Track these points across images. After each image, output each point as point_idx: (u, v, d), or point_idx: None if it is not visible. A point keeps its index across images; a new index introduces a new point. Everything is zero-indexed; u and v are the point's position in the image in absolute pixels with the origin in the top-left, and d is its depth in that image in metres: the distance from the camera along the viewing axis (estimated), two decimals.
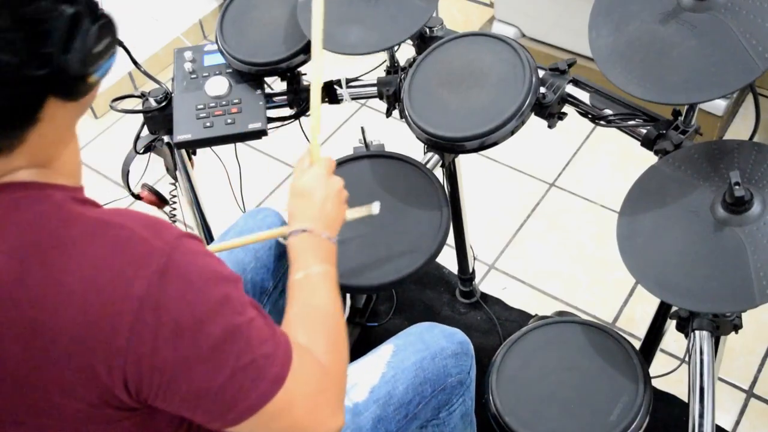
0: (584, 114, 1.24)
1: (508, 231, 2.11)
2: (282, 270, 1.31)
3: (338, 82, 1.40)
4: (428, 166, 1.30)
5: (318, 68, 1.09)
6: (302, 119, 1.44)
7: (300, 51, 1.34)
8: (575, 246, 2.05)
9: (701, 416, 1.02)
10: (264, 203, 2.28)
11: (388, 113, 1.39)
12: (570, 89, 1.23)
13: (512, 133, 1.17)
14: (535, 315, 1.84)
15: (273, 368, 0.74)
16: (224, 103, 1.36)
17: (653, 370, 1.21)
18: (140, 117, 1.40)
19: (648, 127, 1.16)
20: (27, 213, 0.70)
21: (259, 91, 1.37)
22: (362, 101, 2.51)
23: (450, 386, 1.16)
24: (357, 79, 1.41)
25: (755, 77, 0.96)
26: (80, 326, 0.67)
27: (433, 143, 1.20)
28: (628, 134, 1.21)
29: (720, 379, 1.72)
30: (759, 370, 1.75)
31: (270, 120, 1.37)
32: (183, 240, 0.72)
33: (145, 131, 1.43)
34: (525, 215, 2.15)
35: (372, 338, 1.80)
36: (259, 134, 1.34)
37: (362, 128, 1.37)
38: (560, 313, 1.81)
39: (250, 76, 1.38)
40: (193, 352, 0.70)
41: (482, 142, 1.16)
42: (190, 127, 1.34)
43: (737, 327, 1.10)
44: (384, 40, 1.26)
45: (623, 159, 2.24)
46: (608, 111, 1.21)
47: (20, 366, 0.69)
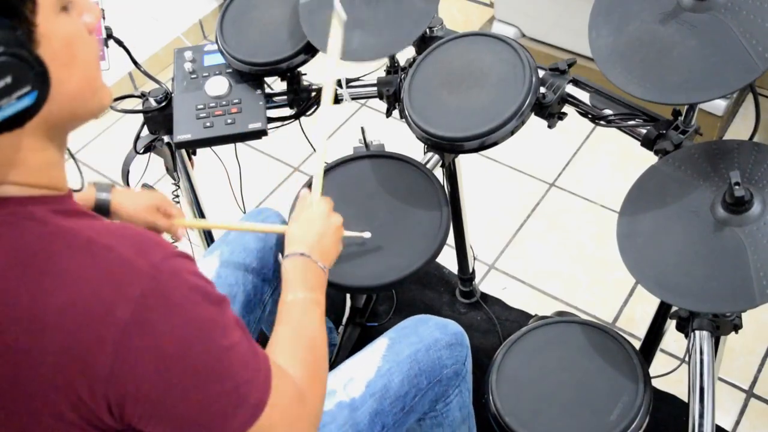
0: (584, 114, 1.24)
1: (508, 231, 2.11)
2: None
3: (338, 82, 1.40)
4: (428, 166, 1.30)
5: (328, 102, 1.13)
6: (302, 119, 1.44)
7: (300, 51, 1.34)
8: (575, 246, 2.05)
9: (701, 416, 1.02)
10: (264, 203, 2.28)
11: (388, 113, 1.39)
12: (570, 89, 1.23)
13: (512, 133, 1.17)
14: (535, 315, 1.84)
15: (254, 394, 0.75)
16: (224, 103, 1.36)
17: (653, 370, 1.21)
18: (140, 117, 1.40)
19: (648, 127, 1.16)
20: (10, 231, 0.68)
21: (259, 91, 1.37)
22: (362, 101, 2.51)
23: (446, 377, 1.16)
24: (357, 79, 1.41)
25: (755, 77, 0.96)
26: (63, 350, 0.66)
27: (433, 143, 1.20)
28: (628, 134, 1.21)
29: (720, 379, 1.72)
30: (759, 370, 1.75)
31: (270, 120, 1.37)
32: (171, 261, 0.71)
33: (145, 131, 1.43)
34: (525, 215, 2.15)
35: (372, 338, 1.79)
36: (259, 134, 1.34)
37: (362, 128, 1.37)
38: (560, 313, 1.80)
39: (250, 76, 1.38)
40: (176, 378, 0.70)
41: (482, 142, 1.16)
42: (190, 127, 1.34)
43: (737, 327, 1.10)
44: (387, 46, 1.26)
45: (623, 159, 2.24)
46: (608, 111, 1.21)
47: (9, 389, 0.69)
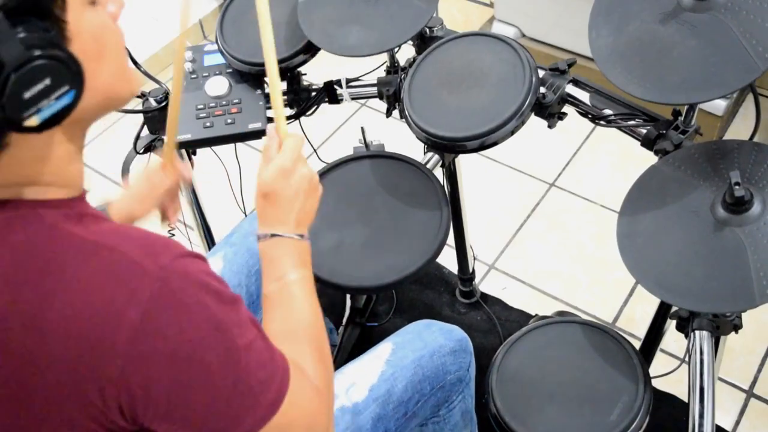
0: (584, 114, 1.24)
1: (508, 231, 2.11)
2: None
3: (338, 82, 1.40)
4: (428, 166, 1.30)
5: (268, 36, 1.02)
6: (302, 119, 1.44)
7: (300, 51, 1.34)
8: (575, 246, 2.05)
9: (701, 416, 1.02)
10: None
11: (388, 113, 1.39)
12: (570, 89, 1.23)
13: (512, 133, 1.17)
14: (535, 315, 1.84)
15: (269, 394, 0.73)
16: (224, 103, 1.36)
17: (653, 370, 1.21)
18: (140, 117, 1.40)
19: (648, 127, 1.16)
20: (19, 235, 0.68)
21: (259, 91, 1.37)
22: (362, 101, 2.51)
23: (449, 383, 1.16)
24: (357, 79, 1.41)
25: (755, 77, 0.96)
26: (72, 355, 0.66)
27: (433, 143, 1.20)
28: (628, 134, 1.21)
29: (720, 379, 1.72)
30: (759, 370, 1.75)
31: (270, 120, 1.37)
32: (180, 261, 0.70)
33: (145, 131, 1.43)
34: (525, 215, 2.15)
35: (372, 338, 1.80)
36: (259, 134, 1.34)
37: (362, 128, 1.37)
38: (560, 313, 1.80)
39: (250, 76, 1.38)
40: (189, 380, 0.69)
41: (482, 142, 1.16)
42: (190, 127, 1.34)
43: (737, 327, 1.10)
44: (384, 42, 1.26)
45: (623, 159, 2.24)
46: (608, 111, 1.21)
47: (19, 397, 0.68)
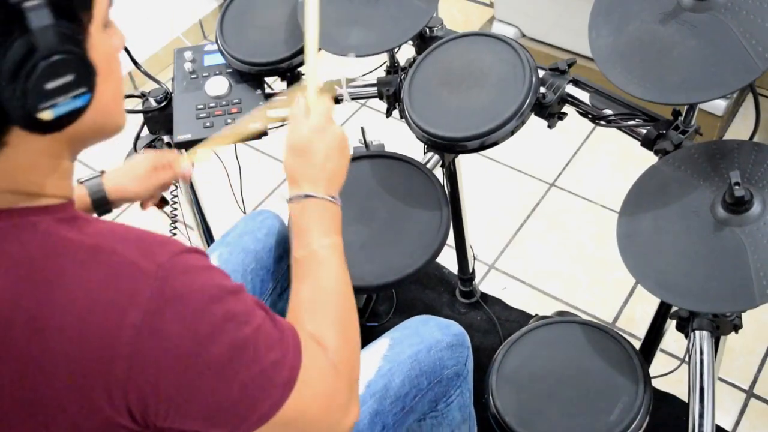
0: (584, 114, 1.24)
1: (508, 231, 2.11)
2: (281, 271, 1.30)
3: (338, 82, 1.40)
4: (428, 166, 1.30)
5: (314, 8, 1.01)
6: None
7: (300, 51, 1.34)
8: (575, 246, 2.05)
9: (701, 416, 1.02)
10: (264, 203, 2.28)
11: (388, 113, 1.39)
12: (570, 89, 1.23)
13: (512, 133, 1.17)
14: (535, 315, 1.84)
15: (282, 373, 0.72)
16: (224, 103, 1.36)
17: (653, 370, 1.21)
18: (140, 117, 1.40)
19: (648, 127, 1.16)
20: (14, 244, 0.67)
21: (259, 91, 1.37)
22: (362, 101, 2.51)
23: (446, 378, 1.15)
24: (357, 79, 1.41)
25: (755, 77, 0.96)
26: (77, 360, 0.65)
27: (433, 143, 1.20)
28: (628, 134, 1.21)
29: (720, 379, 1.72)
30: (759, 370, 1.75)
31: (270, 120, 1.37)
32: (180, 258, 0.69)
33: (145, 131, 1.43)
34: (525, 215, 2.15)
35: (372, 338, 1.79)
36: (259, 134, 1.33)
37: (362, 128, 1.37)
38: (560, 313, 1.81)
39: (250, 76, 1.38)
40: (196, 375, 0.68)
41: (482, 142, 1.16)
42: (190, 127, 1.34)
43: (737, 327, 1.10)
44: (384, 42, 1.26)
45: (623, 159, 2.24)
46: (608, 111, 1.21)
47: (24, 405, 0.67)
